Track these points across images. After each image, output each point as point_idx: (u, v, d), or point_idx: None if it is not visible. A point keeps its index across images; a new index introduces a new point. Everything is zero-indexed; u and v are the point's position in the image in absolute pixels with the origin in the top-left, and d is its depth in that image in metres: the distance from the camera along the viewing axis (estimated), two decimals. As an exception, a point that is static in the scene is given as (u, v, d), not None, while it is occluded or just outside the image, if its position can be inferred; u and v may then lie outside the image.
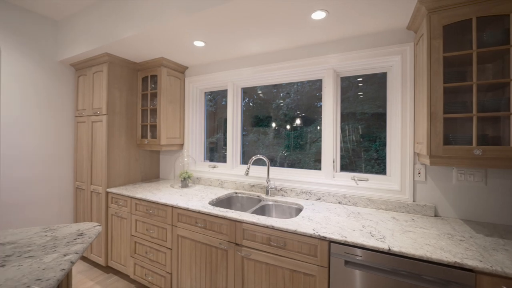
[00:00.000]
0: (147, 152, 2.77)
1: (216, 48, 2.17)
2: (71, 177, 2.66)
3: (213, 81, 2.57)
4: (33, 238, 0.93)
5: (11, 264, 0.75)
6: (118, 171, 2.44)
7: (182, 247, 1.83)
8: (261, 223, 1.46)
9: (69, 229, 1.03)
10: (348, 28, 1.75)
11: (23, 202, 2.31)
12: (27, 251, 0.84)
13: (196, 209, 1.73)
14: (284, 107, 2.47)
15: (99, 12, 2.20)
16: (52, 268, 0.74)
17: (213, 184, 2.47)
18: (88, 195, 2.48)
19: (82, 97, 2.60)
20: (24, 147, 2.32)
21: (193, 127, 2.71)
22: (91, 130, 2.47)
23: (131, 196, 2.12)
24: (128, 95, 2.57)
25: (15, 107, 2.27)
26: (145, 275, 2.04)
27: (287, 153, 2.40)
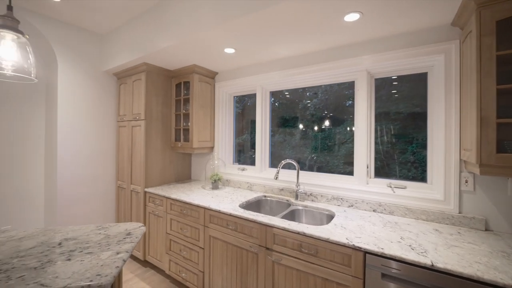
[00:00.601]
0: (180, 155, 2.92)
1: (245, 54, 2.22)
2: (113, 176, 2.91)
3: (242, 85, 2.63)
4: (90, 235, 1.05)
5: (75, 259, 0.86)
6: (154, 172, 2.61)
7: (214, 248, 1.90)
8: (292, 229, 1.46)
9: (118, 228, 1.14)
10: (384, 28, 1.67)
11: (75, 199, 2.58)
12: (86, 247, 0.95)
13: (227, 211, 1.78)
14: (311, 108, 2.43)
15: (138, 26, 2.38)
16: (108, 265, 0.82)
17: (242, 186, 2.52)
18: (128, 194, 2.70)
19: (123, 103, 2.82)
20: (75, 150, 2.59)
21: (223, 130, 2.80)
22: (131, 134, 2.68)
23: (166, 196, 2.25)
24: (163, 101, 2.74)
25: (68, 114, 2.55)
26: (179, 272, 2.16)
27: (314, 155, 2.36)
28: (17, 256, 0.87)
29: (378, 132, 1.94)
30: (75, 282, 0.73)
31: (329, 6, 1.42)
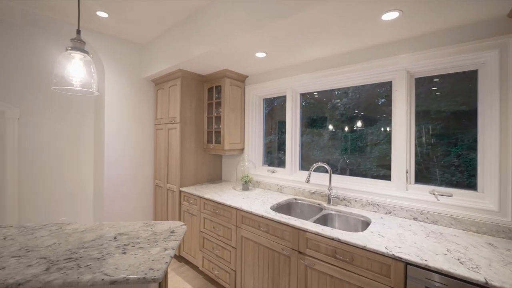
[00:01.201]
0: (212, 156, 3.03)
1: (276, 57, 2.24)
2: (151, 176, 3.13)
3: (271, 88, 2.65)
4: (139, 231, 1.16)
5: (129, 252, 0.95)
6: (188, 172, 2.75)
7: (246, 248, 1.95)
8: (325, 234, 1.44)
9: (163, 226, 1.23)
10: (425, 25, 1.56)
11: (118, 196, 2.83)
12: (137, 242, 1.04)
13: (259, 213, 1.82)
14: (341, 107, 2.36)
15: (174, 35, 2.53)
16: (158, 260, 0.90)
17: (272, 188, 2.54)
18: (165, 192, 2.88)
19: (160, 107, 3.02)
20: (119, 151, 2.84)
21: (252, 132, 2.85)
22: (167, 136, 2.86)
23: (200, 196, 2.36)
24: (196, 104, 2.87)
25: (113, 119, 2.80)
26: (212, 269, 2.25)
27: (345, 157, 2.28)
28: (82, 247, 0.99)
29: (416, 132, 1.83)
30: (132, 274, 0.81)
31: (366, 6, 1.38)
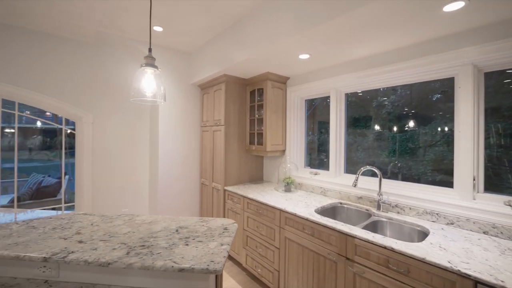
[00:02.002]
0: (253, 157, 3.12)
1: (320, 57, 2.21)
2: (198, 175, 3.36)
3: (314, 89, 2.61)
4: (196, 226, 1.27)
5: (191, 245, 1.06)
6: (232, 172, 2.88)
7: (290, 249, 1.97)
8: (377, 242, 1.37)
9: (216, 223, 1.33)
10: (498, 11, 1.37)
11: (169, 192, 3.11)
12: (196, 236, 1.15)
13: (304, 216, 1.81)
14: (388, 105, 2.20)
15: (219, 43, 2.68)
16: (217, 253, 0.98)
17: (315, 191, 2.50)
18: (210, 191, 3.06)
19: (206, 111, 3.22)
20: (170, 151, 3.12)
21: (294, 134, 2.84)
22: (213, 138, 3.03)
23: (244, 195, 2.46)
24: (239, 107, 2.99)
25: (166, 123, 3.09)
26: (255, 267, 2.31)
27: (394, 160, 2.13)
28: (151, 236, 1.14)
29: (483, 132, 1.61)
30: (197, 264, 0.90)
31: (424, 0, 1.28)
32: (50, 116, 4.26)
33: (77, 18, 2.47)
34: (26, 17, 2.45)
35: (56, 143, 12.24)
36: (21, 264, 1.03)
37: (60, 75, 2.82)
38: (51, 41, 2.77)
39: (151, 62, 1.06)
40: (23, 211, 1.52)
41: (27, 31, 2.66)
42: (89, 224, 1.28)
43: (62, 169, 3.19)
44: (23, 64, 2.64)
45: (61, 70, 2.83)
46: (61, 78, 2.83)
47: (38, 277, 1.03)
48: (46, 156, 10.35)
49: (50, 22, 2.56)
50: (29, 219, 1.36)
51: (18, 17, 2.45)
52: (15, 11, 2.33)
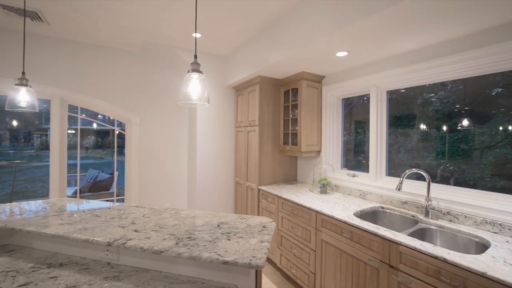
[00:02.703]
0: (287, 157, 3.11)
1: (359, 54, 2.11)
2: (232, 173, 3.46)
3: (352, 86, 2.50)
4: (236, 223, 1.32)
5: (233, 240, 1.11)
6: (266, 172, 2.91)
7: (326, 252, 1.92)
8: (426, 251, 1.27)
9: (254, 220, 1.37)
10: None
11: (206, 189, 3.26)
12: (237, 232, 1.20)
13: (342, 219, 1.75)
14: (436, 102, 2.00)
15: (253, 45, 2.74)
16: (258, 250, 1.01)
17: (353, 194, 2.40)
18: (245, 190, 3.13)
19: (241, 112, 3.31)
20: (207, 151, 3.27)
21: (330, 134, 2.76)
22: (247, 138, 3.10)
23: (278, 195, 2.46)
24: (273, 108, 3.01)
25: (203, 123, 3.25)
26: (290, 268, 2.30)
27: (443, 161, 1.93)
28: (196, 230, 1.21)
29: None
30: (240, 258, 0.94)
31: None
32: (101, 118, 4.77)
33: (127, 30, 2.74)
34: (88, 33, 2.80)
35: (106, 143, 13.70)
36: (89, 246, 1.19)
37: (111, 82, 3.16)
38: (105, 52, 3.12)
39: (196, 67, 1.14)
40: (88, 201, 1.75)
41: (87, 45, 3.04)
42: (141, 216, 1.42)
43: (114, 166, 3.57)
44: (84, 73, 3.02)
45: (112, 77, 3.16)
46: (112, 84, 3.17)
47: (102, 259, 1.17)
48: (99, 154, 11.64)
49: (104, 36, 2.89)
50: (93, 208, 1.56)
51: (82, 33, 2.82)
52: (81, 28, 2.68)
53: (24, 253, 1.25)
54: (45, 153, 12.48)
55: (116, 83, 3.18)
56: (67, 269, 1.11)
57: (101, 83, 3.09)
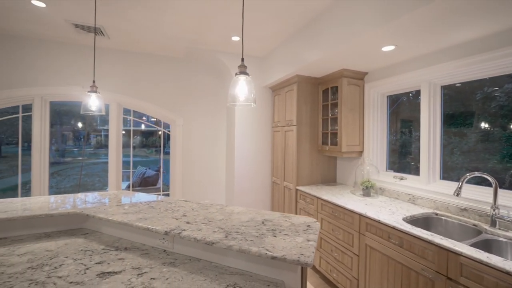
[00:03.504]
0: (326, 158, 3.02)
1: (408, 47, 1.96)
2: (269, 173, 3.50)
3: (399, 83, 2.33)
4: (279, 221, 1.34)
5: (279, 237, 1.13)
6: (304, 172, 2.87)
7: (371, 258, 1.82)
8: (495, 265, 1.12)
9: (298, 219, 1.37)
10: None
11: (244, 188, 3.34)
12: (281, 230, 1.21)
13: (390, 223, 1.65)
14: (500, 97, 1.74)
15: (291, 45, 2.73)
16: (305, 248, 1.02)
17: (400, 198, 2.23)
18: (282, 189, 3.14)
19: (277, 112, 3.32)
20: (245, 150, 3.35)
21: (374, 134, 2.61)
22: (284, 138, 3.10)
23: (317, 196, 2.42)
24: (311, 107, 2.96)
25: (241, 124, 3.34)
26: (330, 271, 2.24)
27: (508, 165, 1.67)
28: (242, 225, 1.27)
29: None
30: (288, 255, 0.96)
31: None
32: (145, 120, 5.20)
33: (172, 39, 2.97)
34: (140, 43, 3.11)
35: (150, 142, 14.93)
36: (148, 234, 1.32)
37: (158, 86, 3.45)
38: (152, 60, 3.42)
39: (243, 70, 1.19)
40: (143, 194, 1.94)
41: (139, 54, 3.37)
42: (191, 209, 1.53)
43: (161, 164, 3.89)
44: (136, 79, 3.35)
45: (159, 82, 3.45)
46: (159, 89, 3.45)
47: (159, 246, 1.30)
48: (144, 153, 12.75)
49: (153, 45, 3.17)
50: (148, 201, 1.73)
51: (135, 44, 3.14)
52: (134, 39, 2.99)
53: (95, 237, 1.44)
54: (100, 151, 14.14)
55: (163, 87, 3.46)
56: (130, 252, 1.25)
57: (150, 88, 3.40)
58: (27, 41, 2.92)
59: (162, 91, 3.45)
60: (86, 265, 1.13)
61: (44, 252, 1.26)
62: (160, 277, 1.03)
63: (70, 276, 1.04)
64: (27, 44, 2.92)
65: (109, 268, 1.10)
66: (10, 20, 2.55)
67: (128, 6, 2.25)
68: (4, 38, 2.84)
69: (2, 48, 2.83)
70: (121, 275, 1.05)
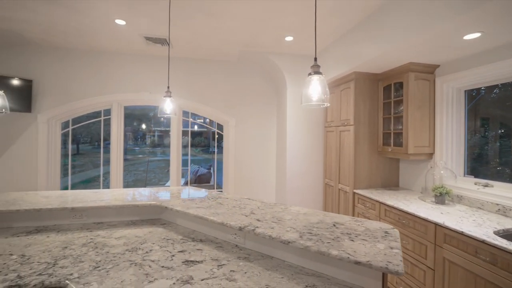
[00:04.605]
0: (386, 160, 2.80)
1: (497, 33, 1.68)
2: (321, 174, 3.40)
3: (482, 75, 2.02)
4: (351, 225, 1.29)
5: (356, 241, 1.08)
6: (362, 174, 2.71)
7: (451, 274, 1.61)
8: None
9: (372, 225, 1.29)
10: None
11: (295, 188, 3.32)
12: (357, 234, 1.16)
13: (478, 237, 1.44)
14: None
15: (347, 42, 2.62)
16: (391, 256, 0.95)
17: (485, 207, 1.93)
18: (336, 192, 3.01)
19: (331, 111, 3.20)
20: (296, 150, 3.32)
21: (447, 134, 2.31)
22: (339, 138, 2.97)
23: (380, 201, 2.25)
24: (370, 105, 2.77)
25: (292, 124, 3.32)
26: (396, 283, 2.06)
27: None
28: (313, 226, 1.25)
29: None
30: (374, 261, 0.91)
31: None
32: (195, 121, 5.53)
33: (227, 43, 3.10)
34: (198, 50, 3.34)
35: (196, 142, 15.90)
36: (221, 228, 1.41)
37: (212, 89, 3.65)
38: (208, 65, 3.64)
39: (316, 70, 1.18)
40: (206, 191, 2.08)
41: (195, 60, 3.62)
42: (256, 207, 1.57)
43: (215, 163, 4.12)
44: (193, 83, 3.61)
45: (213, 85, 3.65)
46: (213, 91, 3.65)
47: (230, 241, 1.37)
48: (193, 152, 13.66)
49: (209, 51, 3.37)
50: (215, 197, 1.84)
51: (194, 51, 3.38)
52: (193, 47, 3.22)
53: (172, 227, 1.60)
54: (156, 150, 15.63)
55: (216, 90, 3.66)
56: (206, 244, 1.35)
57: (205, 91, 3.63)
58: (107, 55, 3.40)
59: (216, 94, 3.65)
60: (171, 252, 1.26)
61: (134, 237, 1.44)
62: (239, 270, 1.09)
63: (160, 260, 1.17)
64: (107, 58, 3.40)
65: (191, 257, 1.20)
66: (96, 39, 3.00)
67: (191, 16, 2.43)
68: (91, 55, 3.36)
69: (90, 63, 3.35)
70: (203, 265, 1.13)
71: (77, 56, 3.31)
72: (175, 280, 1.01)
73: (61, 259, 1.18)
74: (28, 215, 1.58)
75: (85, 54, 3.33)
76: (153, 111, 10.98)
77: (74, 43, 3.13)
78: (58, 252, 1.25)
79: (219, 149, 4.09)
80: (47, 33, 2.88)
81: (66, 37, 2.96)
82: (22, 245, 1.33)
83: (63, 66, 3.27)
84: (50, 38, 3.02)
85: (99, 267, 1.11)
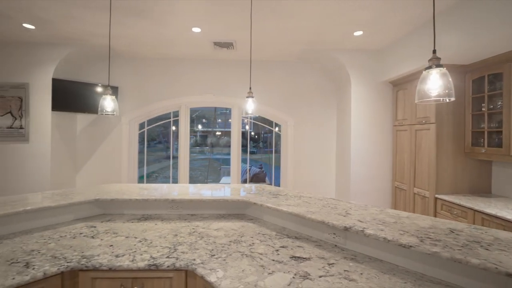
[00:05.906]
0: (475, 162, 2.48)
1: None
2: (388, 176, 3.18)
3: None
4: (472, 232, 1.16)
5: (493, 251, 0.97)
6: (445, 178, 2.45)
7: None
8: None
9: (499, 234, 1.15)
10: None
11: (359, 192, 3.16)
12: (489, 243, 1.04)
13: None
14: None
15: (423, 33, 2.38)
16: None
17: None
18: (410, 196, 2.78)
19: (402, 108, 2.97)
20: (361, 151, 3.16)
21: None
22: (415, 138, 2.74)
23: (475, 208, 2.00)
24: (454, 101, 2.48)
25: (356, 122, 3.17)
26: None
27: None
28: (426, 232, 1.17)
29: None
30: (532, 276, 0.80)
31: None
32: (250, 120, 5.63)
33: (289, 43, 3.10)
34: (260, 52, 3.41)
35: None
36: (317, 227, 1.41)
37: (272, 89, 3.69)
38: (268, 66, 3.70)
39: (436, 62, 1.09)
40: (282, 189, 2.11)
41: (257, 62, 3.71)
42: (349, 208, 1.54)
43: (273, 162, 4.18)
44: (254, 84, 3.70)
45: (272, 85, 3.70)
46: (272, 91, 3.69)
47: (328, 240, 1.36)
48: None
49: (271, 52, 3.41)
50: (297, 195, 1.86)
51: (257, 53, 3.46)
52: (256, 49, 3.31)
53: (261, 222, 1.65)
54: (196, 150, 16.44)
55: (276, 90, 3.70)
56: (303, 242, 1.36)
57: (265, 91, 3.70)
58: (177, 61, 3.70)
59: (275, 94, 3.69)
60: (273, 247, 1.30)
61: (231, 230, 1.53)
62: (352, 271, 1.07)
63: (267, 254, 1.22)
64: (176, 63, 3.70)
65: (296, 253, 1.23)
66: (170, 47, 3.29)
67: (265, 18, 2.49)
68: (165, 62, 3.70)
69: (162, 69, 3.70)
70: (312, 262, 1.15)
71: (152, 63, 3.68)
72: (293, 275, 1.03)
73: (178, 245, 1.31)
74: (137, 204, 1.80)
75: (158, 61, 3.68)
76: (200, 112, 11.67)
77: (152, 52, 3.49)
78: (172, 238, 1.39)
79: (259, 149, 4.10)
80: (130, 45, 3.26)
81: (145, 46, 3.31)
82: (139, 230, 1.52)
83: (141, 73, 3.67)
84: (132, 49, 3.41)
85: (214, 255, 1.20)
